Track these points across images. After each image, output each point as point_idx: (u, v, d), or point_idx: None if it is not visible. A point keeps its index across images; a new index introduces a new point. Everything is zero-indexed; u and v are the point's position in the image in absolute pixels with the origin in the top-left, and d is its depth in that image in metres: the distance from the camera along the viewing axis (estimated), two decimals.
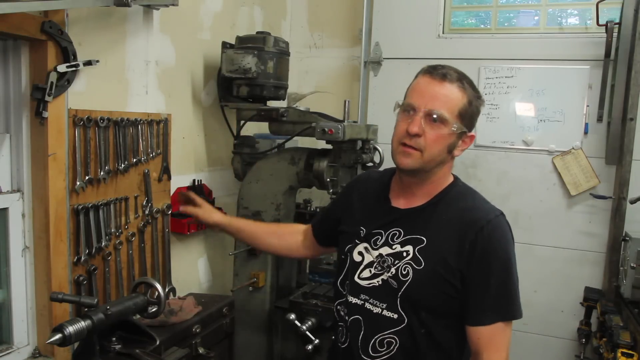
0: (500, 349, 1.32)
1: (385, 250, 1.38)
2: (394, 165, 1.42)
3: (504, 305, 1.32)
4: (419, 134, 1.28)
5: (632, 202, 2.47)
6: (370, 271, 1.40)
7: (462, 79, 1.33)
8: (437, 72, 1.32)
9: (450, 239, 1.33)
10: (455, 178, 1.45)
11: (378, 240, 1.41)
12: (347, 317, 1.43)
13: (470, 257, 1.30)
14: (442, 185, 1.41)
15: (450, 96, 1.30)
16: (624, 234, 2.55)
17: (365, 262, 1.41)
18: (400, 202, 1.43)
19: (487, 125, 2.89)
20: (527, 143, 2.82)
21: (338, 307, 1.48)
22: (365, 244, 1.42)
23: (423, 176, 1.37)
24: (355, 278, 1.42)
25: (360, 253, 1.43)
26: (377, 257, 1.39)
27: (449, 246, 1.32)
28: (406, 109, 1.33)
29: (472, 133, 1.38)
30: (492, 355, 1.31)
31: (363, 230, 1.44)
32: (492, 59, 2.87)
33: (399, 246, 1.37)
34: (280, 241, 1.79)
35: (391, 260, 1.36)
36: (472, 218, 1.33)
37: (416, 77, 1.37)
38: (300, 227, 1.79)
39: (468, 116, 1.34)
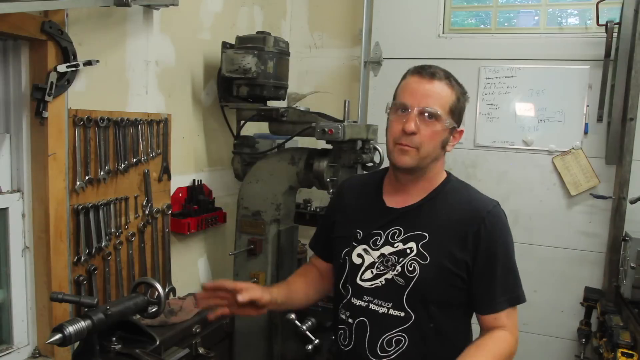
0: (512, 332, 1.38)
1: (387, 250, 1.40)
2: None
3: (512, 291, 1.38)
4: (415, 132, 1.32)
5: (632, 202, 2.47)
6: (372, 272, 1.41)
7: (450, 77, 1.39)
8: (425, 71, 1.36)
9: (453, 232, 1.36)
10: (448, 174, 1.49)
11: (378, 241, 1.42)
12: (350, 320, 1.43)
13: (475, 248, 1.35)
14: (437, 181, 1.45)
15: (441, 93, 1.35)
16: (624, 234, 2.54)
17: (366, 264, 1.42)
18: (395, 202, 1.45)
19: (487, 125, 2.89)
20: (527, 143, 2.82)
21: (339, 310, 1.48)
22: (364, 246, 1.43)
23: (419, 173, 1.40)
24: (357, 280, 1.42)
25: (359, 255, 1.43)
26: (378, 257, 1.40)
27: (452, 239, 1.36)
28: (399, 109, 1.36)
29: (462, 128, 1.43)
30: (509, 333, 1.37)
31: (360, 233, 1.45)
32: (492, 59, 2.87)
33: (401, 244, 1.38)
34: (310, 284, 1.63)
35: (395, 258, 1.38)
36: (473, 210, 1.38)
37: (404, 77, 1.41)
38: (308, 264, 1.71)
39: (457, 112, 1.39)
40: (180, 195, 2.31)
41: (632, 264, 2.29)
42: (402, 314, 1.36)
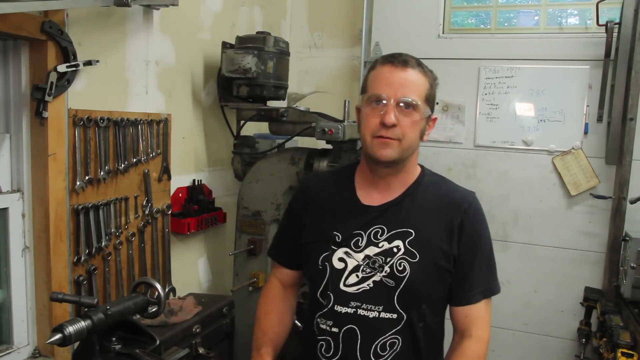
0: (486, 324, 1.37)
1: (371, 251, 1.33)
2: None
3: (488, 282, 1.37)
4: (396, 124, 1.26)
5: (632, 202, 2.46)
6: (357, 276, 1.33)
7: (421, 64, 1.34)
8: (397, 59, 1.31)
9: (439, 226, 1.34)
10: (422, 166, 1.45)
11: (359, 242, 1.34)
12: (335, 329, 1.34)
13: (459, 239, 1.33)
14: (414, 173, 1.41)
15: (417, 82, 1.30)
16: (624, 234, 2.54)
17: (349, 268, 1.34)
18: (372, 199, 1.38)
19: (487, 125, 2.89)
20: (527, 143, 2.82)
21: (318, 320, 1.38)
22: (345, 249, 1.35)
23: (400, 166, 1.35)
24: (341, 286, 1.34)
25: (341, 259, 1.35)
26: (363, 259, 1.33)
27: (439, 234, 1.33)
28: (373, 101, 1.30)
29: (435, 116, 1.39)
30: (480, 331, 1.35)
31: (338, 235, 1.36)
32: (492, 59, 2.87)
33: (386, 243, 1.33)
34: (285, 316, 1.57)
35: (382, 259, 1.32)
36: (454, 202, 1.37)
37: (373, 67, 1.35)
38: (271, 286, 1.58)
39: (432, 99, 1.35)
40: (180, 195, 2.31)
41: (632, 264, 2.29)
42: (395, 315, 1.31)
